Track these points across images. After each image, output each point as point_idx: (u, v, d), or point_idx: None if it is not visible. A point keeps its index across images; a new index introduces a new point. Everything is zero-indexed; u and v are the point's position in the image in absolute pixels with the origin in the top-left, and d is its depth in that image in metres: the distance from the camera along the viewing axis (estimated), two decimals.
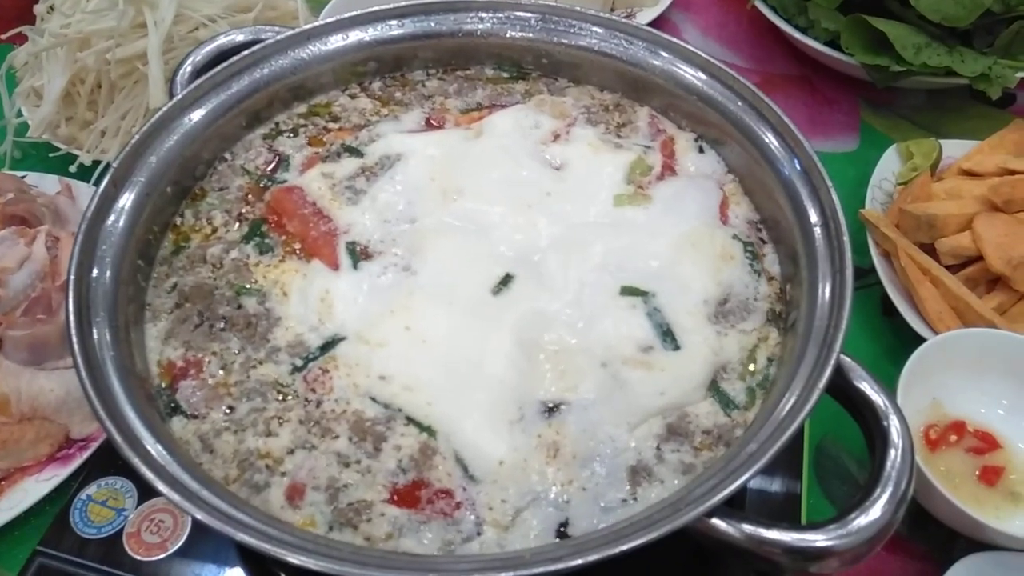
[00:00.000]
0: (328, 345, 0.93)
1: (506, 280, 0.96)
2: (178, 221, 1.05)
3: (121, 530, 1.01)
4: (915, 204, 1.32)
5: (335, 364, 0.91)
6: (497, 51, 1.21)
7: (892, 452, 0.78)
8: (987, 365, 1.15)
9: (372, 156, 1.10)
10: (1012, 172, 1.33)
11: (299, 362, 0.92)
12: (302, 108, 1.17)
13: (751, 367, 0.93)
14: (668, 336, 0.92)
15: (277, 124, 1.15)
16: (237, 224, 1.05)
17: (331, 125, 1.16)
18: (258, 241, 1.02)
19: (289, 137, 1.14)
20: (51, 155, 1.48)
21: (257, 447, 0.87)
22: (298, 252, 1.01)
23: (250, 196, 1.07)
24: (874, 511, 0.75)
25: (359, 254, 1.00)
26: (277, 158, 1.11)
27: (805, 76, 1.77)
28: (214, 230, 1.04)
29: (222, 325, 0.95)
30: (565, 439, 0.86)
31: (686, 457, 0.86)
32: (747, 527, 0.75)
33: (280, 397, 0.90)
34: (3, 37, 1.54)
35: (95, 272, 0.91)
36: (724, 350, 0.93)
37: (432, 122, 1.16)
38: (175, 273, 1.00)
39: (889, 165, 1.46)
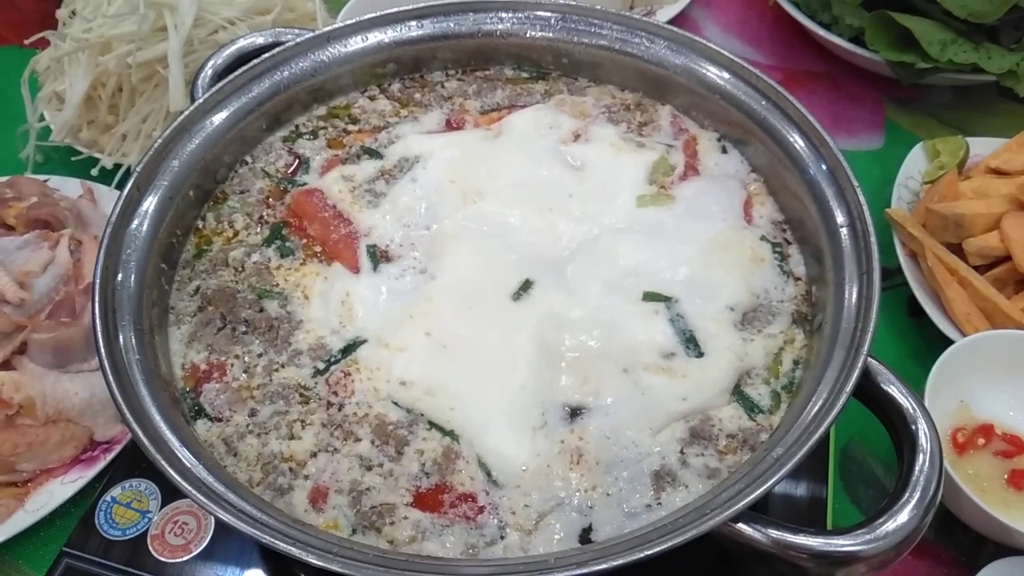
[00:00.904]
0: (349, 348, 0.93)
1: (526, 286, 0.95)
2: (200, 224, 1.06)
3: (146, 532, 1.01)
4: (942, 203, 1.30)
5: (357, 367, 0.91)
6: (517, 51, 1.21)
7: (920, 457, 0.77)
8: (1016, 367, 1.13)
9: (391, 158, 1.10)
10: None
11: (321, 365, 0.92)
12: (321, 110, 1.17)
13: (777, 370, 0.92)
14: (691, 343, 0.91)
15: (297, 127, 1.15)
16: (258, 227, 1.05)
17: (350, 127, 1.16)
18: (279, 244, 1.02)
19: (309, 139, 1.14)
20: (73, 159, 1.49)
21: (280, 450, 0.87)
22: (319, 255, 1.02)
23: (271, 199, 1.08)
24: (902, 516, 0.74)
25: (379, 257, 1.00)
26: (297, 161, 1.12)
27: (828, 73, 1.75)
28: (236, 233, 1.05)
29: (244, 328, 0.96)
30: (588, 444, 0.85)
31: (711, 461, 0.85)
32: (773, 532, 0.74)
33: (302, 400, 0.90)
34: (26, 42, 1.55)
35: (120, 276, 0.92)
36: (749, 355, 0.92)
37: (452, 123, 1.16)
38: (198, 276, 1.01)
39: (915, 163, 1.44)
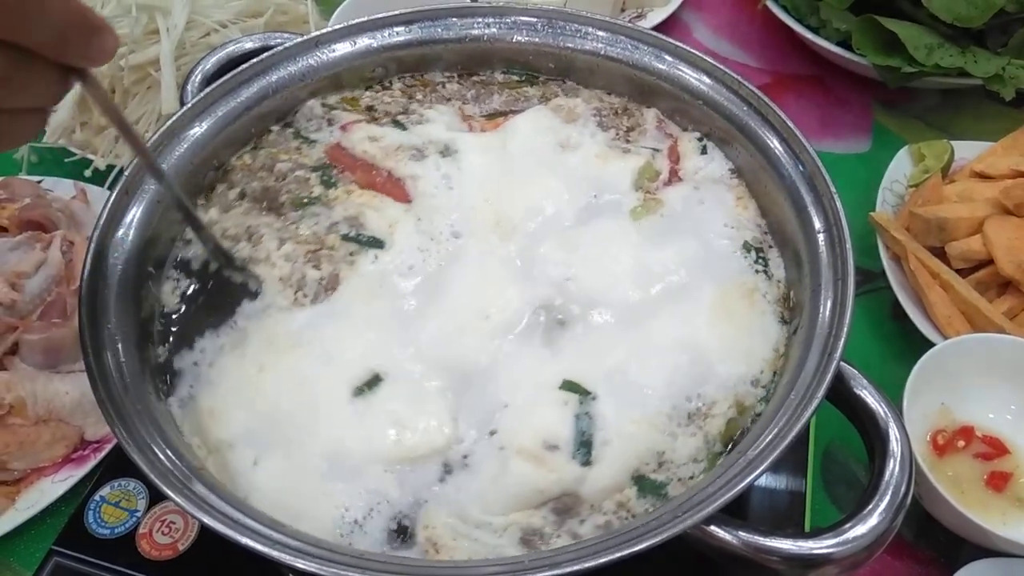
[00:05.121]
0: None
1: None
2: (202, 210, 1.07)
3: (134, 531, 1.02)
4: (926, 207, 1.31)
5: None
6: (506, 55, 1.21)
7: (891, 461, 0.78)
8: (996, 370, 1.14)
9: (418, 137, 1.09)
10: None
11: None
12: (334, 99, 1.17)
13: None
14: (584, 447, 0.84)
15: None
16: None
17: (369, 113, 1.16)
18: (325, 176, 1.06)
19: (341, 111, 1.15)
20: (67, 160, 1.50)
21: None
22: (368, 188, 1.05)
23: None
24: (872, 519, 0.75)
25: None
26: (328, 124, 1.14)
27: (817, 76, 1.76)
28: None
29: None
30: (439, 531, 0.82)
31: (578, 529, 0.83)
32: (744, 534, 0.75)
33: None
34: None
35: (107, 279, 0.92)
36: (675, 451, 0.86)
37: (464, 121, 1.15)
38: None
39: (901, 167, 1.45)
